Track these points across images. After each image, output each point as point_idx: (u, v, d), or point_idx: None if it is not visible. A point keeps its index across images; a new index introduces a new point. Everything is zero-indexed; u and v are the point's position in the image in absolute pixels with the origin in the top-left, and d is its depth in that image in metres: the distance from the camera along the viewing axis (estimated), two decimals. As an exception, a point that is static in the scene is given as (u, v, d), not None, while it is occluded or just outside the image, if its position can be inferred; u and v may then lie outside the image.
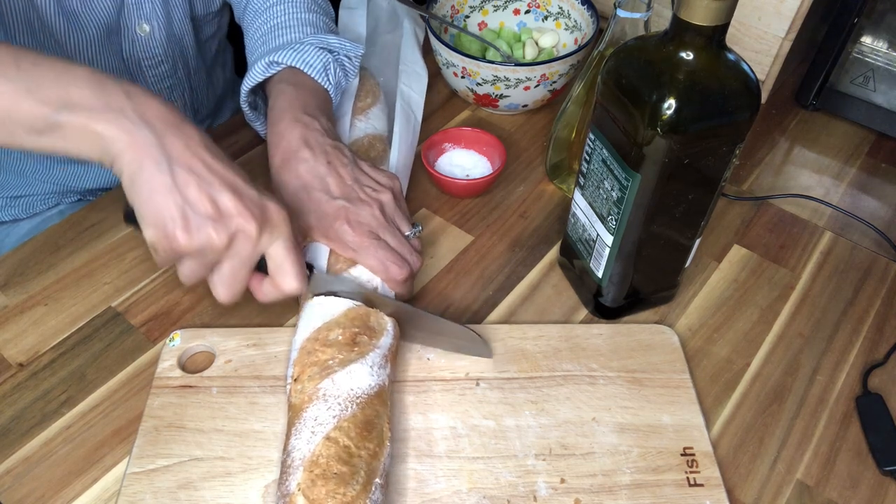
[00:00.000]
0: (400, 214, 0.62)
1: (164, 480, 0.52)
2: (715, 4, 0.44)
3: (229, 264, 0.50)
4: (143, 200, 0.47)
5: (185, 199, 0.47)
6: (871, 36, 0.79)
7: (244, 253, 0.50)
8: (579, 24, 0.84)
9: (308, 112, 0.64)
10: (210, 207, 0.47)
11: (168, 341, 0.60)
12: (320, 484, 0.46)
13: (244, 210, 0.48)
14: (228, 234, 0.48)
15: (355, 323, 0.54)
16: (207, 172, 0.48)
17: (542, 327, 0.62)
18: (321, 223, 0.58)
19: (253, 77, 0.67)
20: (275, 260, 0.52)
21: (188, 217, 0.47)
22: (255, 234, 0.49)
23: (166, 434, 0.54)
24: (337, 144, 0.63)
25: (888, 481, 0.54)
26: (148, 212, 0.48)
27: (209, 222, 0.47)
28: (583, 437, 0.55)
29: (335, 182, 0.60)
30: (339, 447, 0.48)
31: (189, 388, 0.57)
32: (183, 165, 0.47)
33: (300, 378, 0.52)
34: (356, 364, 0.52)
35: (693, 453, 0.54)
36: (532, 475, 0.52)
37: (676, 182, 0.51)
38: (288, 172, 0.61)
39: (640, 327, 0.62)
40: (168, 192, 0.47)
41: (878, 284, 0.68)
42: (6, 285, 0.65)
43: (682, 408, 0.56)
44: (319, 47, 0.69)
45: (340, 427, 0.49)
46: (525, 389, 0.57)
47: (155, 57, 0.78)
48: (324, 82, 0.68)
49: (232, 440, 0.54)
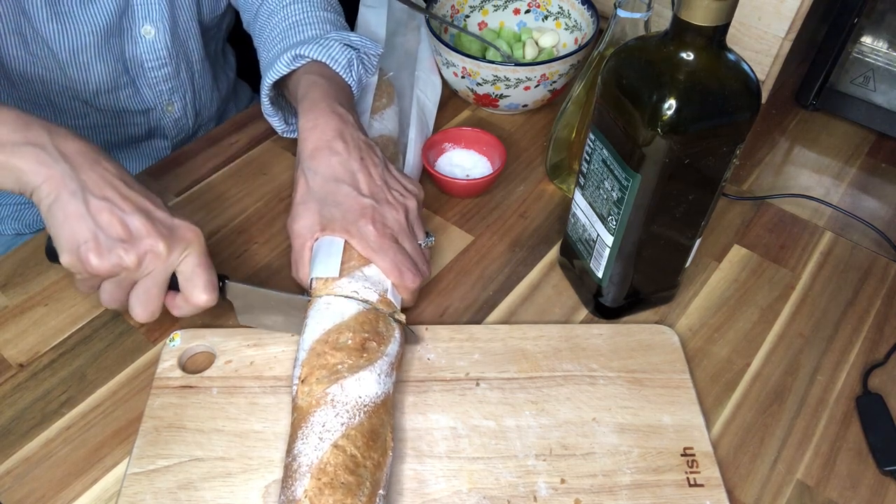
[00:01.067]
0: (419, 223, 0.63)
1: (165, 481, 0.52)
2: (715, 4, 0.44)
3: (143, 284, 0.53)
4: (58, 227, 0.50)
5: (97, 223, 0.50)
6: (871, 36, 0.79)
7: (154, 271, 0.52)
8: (579, 24, 0.84)
9: (343, 105, 0.64)
10: (121, 230, 0.51)
11: (168, 341, 0.60)
12: (328, 493, 0.46)
13: (153, 231, 0.51)
14: (138, 255, 0.51)
15: (365, 328, 0.54)
16: (120, 199, 0.51)
17: (543, 327, 0.62)
18: (346, 217, 0.59)
19: (278, 70, 0.67)
20: (184, 274, 0.54)
21: (99, 240, 0.50)
22: (163, 252, 0.52)
23: (166, 434, 0.54)
24: (369, 142, 0.63)
25: (888, 481, 0.54)
26: (63, 237, 0.50)
27: (119, 244, 0.50)
28: (583, 437, 0.55)
29: (365, 180, 0.60)
30: (346, 456, 0.48)
31: (189, 389, 0.57)
32: (97, 194, 0.51)
33: (308, 380, 0.52)
34: (365, 371, 0.52)
35: (693, 453, 0.54)
36: (532, 475, 0.52)
37: (677, 182, 0.51)
38: (319, 161, 0.61)
39: (640, 327, 0.62)
40: (81, 218, 0.50)
41: (878, 284, 0.68)
42: (6, 285, 0.65)
43: (682, 408, 0.56)
44: (343, 43, 0.69)
45: (348, 435, 0.48)
46: (525, 389, 0.57)
47: (159, 59, 0.78)
48: (347, 78, 0.69)
49: (232, 440, 0.54)
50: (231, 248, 0.69)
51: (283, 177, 0.76)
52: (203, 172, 0.76)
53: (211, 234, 0.70)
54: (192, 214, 0.71)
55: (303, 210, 0.60)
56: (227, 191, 0.74)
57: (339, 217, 0.59)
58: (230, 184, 0.75)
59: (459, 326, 0.62)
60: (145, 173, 0.76)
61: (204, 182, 0.75)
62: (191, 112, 0.87)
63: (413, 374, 0.58)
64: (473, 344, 0.60)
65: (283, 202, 0.73)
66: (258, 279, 0.66)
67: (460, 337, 0.60)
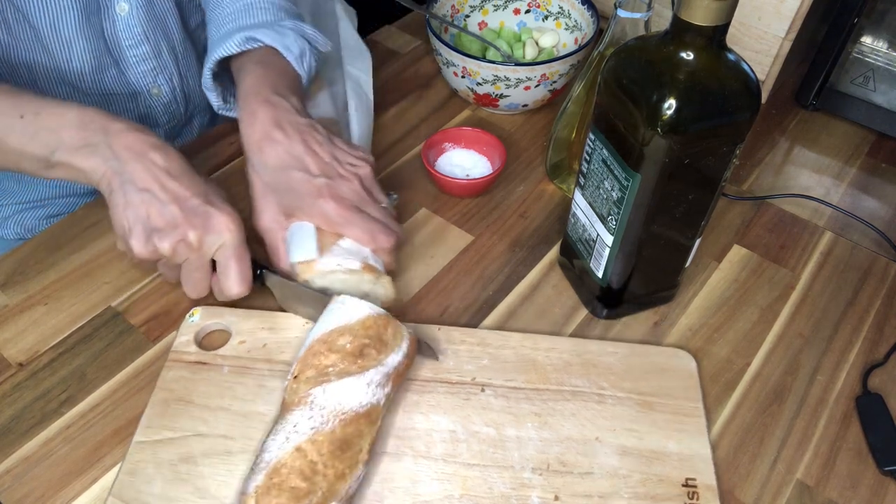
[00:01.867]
0: (376, 187, 0.64)
1: (168, 452, 0.52)
2: (715, 4, 0.44)
3: (185, 268, 0.58)
4: (112, 216, 0.57)
5: (137, 214, 0.55)
6: (871, 36, 0.79)
7: (190, 258, 0.56)
8: (579, 24, 0.84)
9: (278, 92, 0.65)
10: (158, 220, 0.55)
11: (188, 317, 0.61)
12: (274, 493, 0.46)
13: (184, 221, 0.55)
14: (171, 243, 0.55)
15: (368, 333, 0.53)
16: (161, 191, 0.56)
17: (556, 339, 0.61)
18: (304, 202, 0.60)
19: (228, 48, 0.68)
20: (220, 264, 0.57)
21: (141, 229, 0.55)
22: (194, 242, 0.55)
23: (175, 407, 0.55)
24: (311, 122, 0.64)
25: (888, 481, 0.54)
26: (115, 225, 0.57)
27: (155, 233, 0.55)
28: (583, 455, 0.53)
29: (313, 160, 0.62)
30: (304, 461, 0.48)
31: (202, 365, 0.58)
32: (139, 186, 0.56)
33: (299, 377, 0.52)
34: (353, 378, 0.51)
35: (695, 485, 0.52)
36: (527, 489, 0.52)
37: (676, 182, 0.51)
38: (265, 154, 0.62)
39: (657, 349, 0.60)
40: (125, 208, 0.56)
41: (878, 284, 0.68)
42: (6, 285, 0.65)
43: (689, 436, 0.55)
44: (298, 33, 0.71)
45: (314, 440, 0.48)
46: (530, 400, 0.57)
47: (135, 37, 0.77)
48: (299, 68, 0.70)
49: (236, 420, 0.54)
50: (231, 247, 0.69)
51: (283, 176, 0.76)
52: (203, 172, 0.76)
53: (211, 233, 0.70)
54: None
55: (263, 205, 0.62)
56: (228, 190, 0.74)
57: (298, 203, 0.60)
58: (230, 183, 0.75)
59: (472, 330, 0.61)
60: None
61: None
62: (180, 96, 0.86)
63: (419, 372, 0.58)
64: (484, 349, 0.60)
65: (283, 202, 0.73)
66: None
67: (471, 340, 0.60)
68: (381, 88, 0.87)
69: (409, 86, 0.88)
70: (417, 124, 0.83)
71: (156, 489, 0.51)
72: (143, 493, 0.51)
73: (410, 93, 0.87)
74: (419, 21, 0.96)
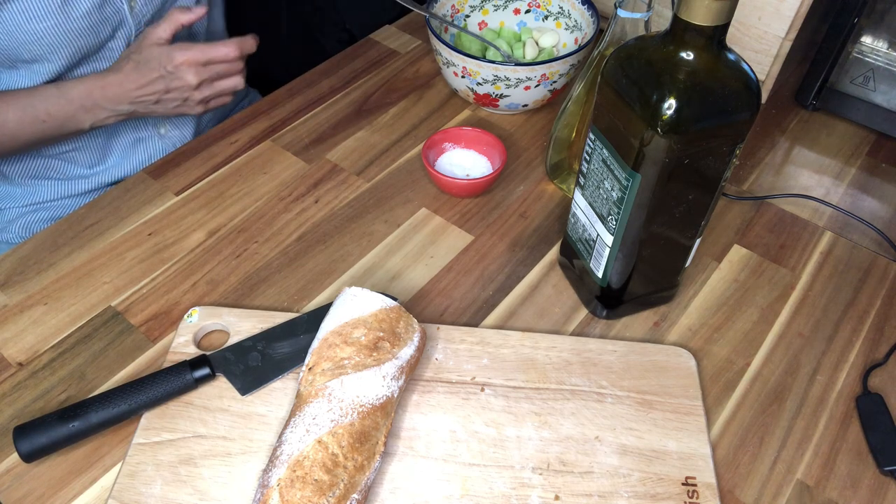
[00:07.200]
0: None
1: (167, 454, 0.52)
2: (715, 4, 0.44)
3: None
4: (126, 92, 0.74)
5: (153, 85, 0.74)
6: (871, 36, 0.79)
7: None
8: (579, 24, 0.84)
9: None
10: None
11: (186, 317, 0.61)
12: (298, 486, 0.46)
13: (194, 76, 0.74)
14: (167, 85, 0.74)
15: (382, 326, 0.54)
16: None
17: (556, 338, 0.61)
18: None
19: None
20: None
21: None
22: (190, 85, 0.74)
23: (174, 408, 0.55)
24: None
25: (888, 481, 0.54)
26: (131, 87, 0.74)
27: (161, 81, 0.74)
28: (583, 454, 0.54)
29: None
30: (326, 453, 0.48)
31: None
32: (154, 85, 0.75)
33: (314, 369, 0.52)
34: (369, 371, 0.51)
35: (695, 484, 0.52)
36: (527, 488, 0.52)
37: (676, 182, 0.51)
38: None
39: (656, 347, 0.60)
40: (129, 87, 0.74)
41: (878, 284, 0.68)
42: (6, 284, 0.65)
43: (689, 435, 0.55)
44: None
45: (335, 433, 0.48)
46: (530, 400, 0.57)
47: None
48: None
49: (236, 421, 0.54)
50: (231, 247, 0.69)
51: (283, 176, 0.76)
52: (203, 171, 0.76)
53: (211, 232, 0.70)
54: (192, 213, 0.72)
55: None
56: (227, 190, 0.74)
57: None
58: (230, 183, 0.75)
59: (471, 329, 0.61)
60: (145, 172, 0.76)
61: (204, 181, 0.75)
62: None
63: (419, 372, 0.58)
64: (483, 348, 0.60)
65: (283, 201, 0.73)
66: (258, 277, 0.66)
67: (471, 339, 0.60)
68: (381, 88, 0.87)
69: (409, 86, 0.88)
70: (417, 124, 0.83)
71: (156, 491, 0.51)
72: (144, 496, 0.50)
73: (410, 93, 0.87)
74: (419, 21, 0.96)
